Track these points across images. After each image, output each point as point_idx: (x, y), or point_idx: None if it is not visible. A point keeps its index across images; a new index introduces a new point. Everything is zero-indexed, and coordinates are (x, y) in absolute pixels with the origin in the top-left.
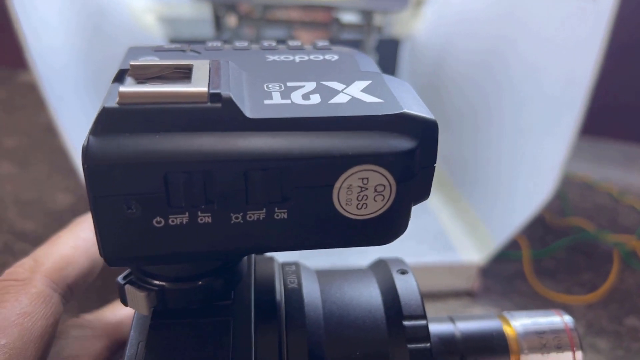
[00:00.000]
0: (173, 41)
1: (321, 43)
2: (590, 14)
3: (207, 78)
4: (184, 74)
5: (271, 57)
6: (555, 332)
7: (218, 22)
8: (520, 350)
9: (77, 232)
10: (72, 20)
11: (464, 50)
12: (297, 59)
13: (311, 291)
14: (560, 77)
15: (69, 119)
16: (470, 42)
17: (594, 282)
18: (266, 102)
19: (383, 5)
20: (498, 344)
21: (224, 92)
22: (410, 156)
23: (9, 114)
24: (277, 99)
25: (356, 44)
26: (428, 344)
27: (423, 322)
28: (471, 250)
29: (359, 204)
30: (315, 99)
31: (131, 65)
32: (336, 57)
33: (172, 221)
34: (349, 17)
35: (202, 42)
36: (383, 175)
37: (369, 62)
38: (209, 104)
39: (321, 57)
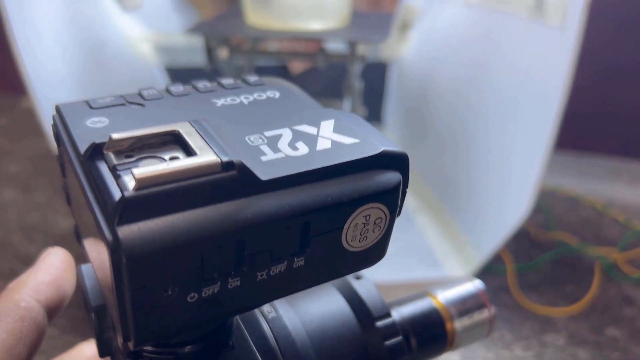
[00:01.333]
0: (168, 69)
1: (252, 78)
2: (559, 41)
3: (206, 144)
4: (171, 140)
5: (218, 102)
6: (472, 296)
7: (210, 53)
8: (451, 318)
9: (47, 265)
10: (73, 51)
11: (447, 74)
12: (245, 100)
13: (290, 317)
14: (534, 100)
15: None
16: (453, 66)
17: (576, 294)
18: (263, 158)
19: (365, 37)
20: (434, 318)
21: (235, 159)
22: (398, 188)
23: (12, 140)
24: (270, 153)
25: (343, 70)
26: (400, 337)
27: (390, 319)
28: (457, 265)
29: (361, 237)
30: (303, 147)
31: (113, 139)
32: (277, 93)
33: (205, 293)
34: (335, 46)
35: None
36: (381, 209)
37: (303, 96)
38: (224, 174)
39: (264, 96)
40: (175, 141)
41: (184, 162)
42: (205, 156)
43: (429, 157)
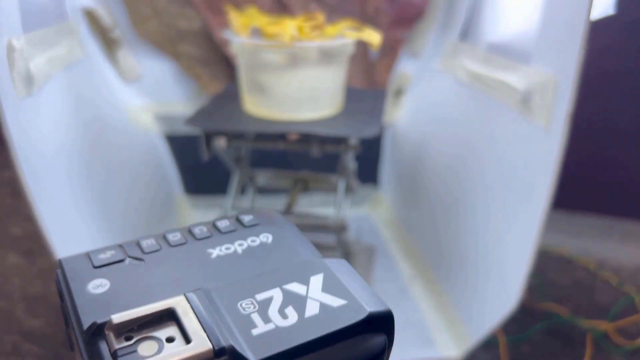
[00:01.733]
0: (167, 137)
1: (247, 218)
2: (544, 142)
3: (200, 326)
4: (168, 315)
5: (214, 252)
6: None
7: (208, 142)
8: None
9: None
10: (73, 123)
11: (439, 145)
12: (239, 248)
13: None
14: (521, 189)
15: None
16: (444, 139)
17: None
18: (254, 332)
19: (356, 133)
20: None
21: (226, 344)
22: (384, 347)
23: (15, 197)
24: (260, 325)
25: (335, 157)
26: None
27: None
28: (450, 345)
29: None
30: (292, 314)
31: (114, 323)
32: (270, 237)
33: None
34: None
35: (136, 242)
36: None
37: (294, 237)
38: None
39: (257, 241)
40: (172, 317)
41: (179, 351)
42: (199, 344)
43: (423, 223)
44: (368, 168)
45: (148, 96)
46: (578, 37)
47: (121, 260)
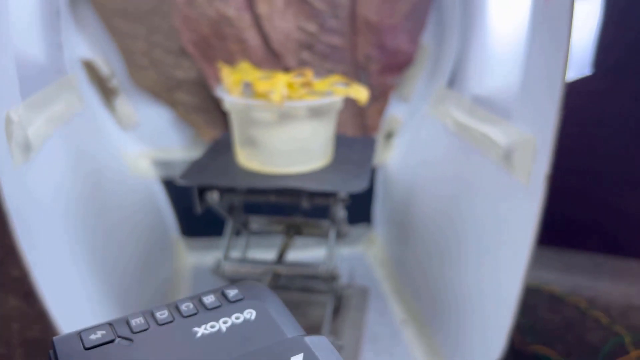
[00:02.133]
0: (164, 181)
1: (232, 292)
2: (525, 198)
3: None
4: None
5: (199, 332)
6: None
7: (202, 196)
8: None
9: None
10: (70, 170)
11: (428, 188)
12: (223, 326)
13: None
14: (504, 240)
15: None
16: (432, 183)
17: None
18: None
19: (344, 189)
20: None
21: None
22: None
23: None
24: None
25: (325, 210)
26: None
27: None
28: None
29: None
30: None
31: None
32: (253, 313)
33: None
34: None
35: (125, 321)
36: None
37: (278, 312)
38: None
39: (241, 318)
40: None
41: None
42: None
43: (414, 264)
44: (361, 207)
45: (145, 143)
46: (555, 101)
47: (111, 341)
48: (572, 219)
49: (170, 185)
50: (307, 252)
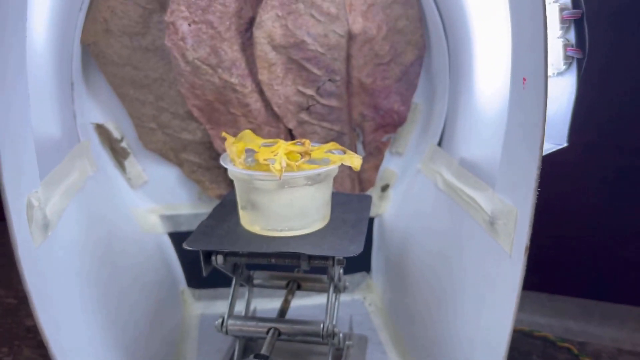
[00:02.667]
0: (172, 234)
1: None
2: (509, 267)
3: None
4: None
5: None
6: None
7: (207, 259)
8: None
9: None
10: (84, 229)
11: (420, 241)
12: None
13: None
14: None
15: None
16: (424, 237)
17: None
18: None
19: (340, 253)
20: None
21: None
22: None
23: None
24: None
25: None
26: None
27: None
28: None
29: None
30: None
31: None
32: None
33: None
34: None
35: None
36: None
37: None
38: None
39: None
40: None
41: None
42: None
43: (409, 313)
44: (360, 256)
45: (154, 200)
46: (533, 175)
47: None
48: (563, 266)
49: (177, 239)
50: (308, 301)
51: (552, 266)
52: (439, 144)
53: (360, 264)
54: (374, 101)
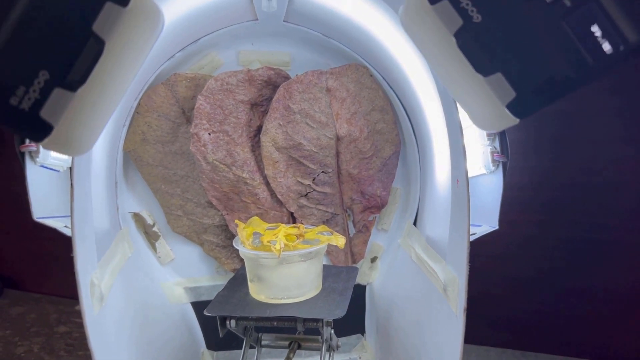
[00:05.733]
0: (194, 303)
1: None
2: (456, 328)
3: None
4: None
5: None
6: None
7: (222, 323)
8: None
9: None
10: (124, 311)
11: (402, 305)
12: None
13: None
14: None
15: None
16: (405, 297)
17: None
18: None
19: (328, 316)
20: None
21: None
22: None
23: (70, 352)
24: None
25: None
26: None
27: None
28: None
29: None
30: None
31: None
32: None
33: None
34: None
35: None
36: None
37: None
38: None
39: None
40: None
41: None
42: None
43: None
44: (356, 319)
45: (179, 274)
46: (464, 252)
47: None
48: (531, 327)
49: (198, 307)
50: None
51: (524, 325)
52: (415, 222)
53: (355, 326)
54: (361, 188)
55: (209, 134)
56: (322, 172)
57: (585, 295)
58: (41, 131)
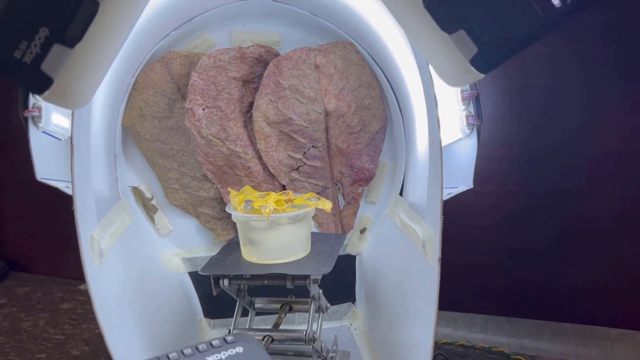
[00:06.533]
0: (191, 273)
1: (229, 338)
2: (433, 277)
3: None
4: None
5: (209, 359)
6: None
7: (216, 283)
8: None
9: None
10: (127, 270)
11: (387, 273)
12: (224, 356)
13: None
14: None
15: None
16: (390, 264)
17: None
18: None
19: (314, 272)
20: None
21: None
22: None
23: (74, 326)
24: None
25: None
26: None
27: None
28: None
29: None
30: None
31: None
32: (241, 349)
33: None
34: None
35: (166, 355)
36: None
37: (256, 349)
38: None
39: (234, 352)
40: None
41: None
42: None
43: (382, 331)
44: (347, 288)
45: (177, 245)
46: (439, 209)
47: None
48: (519, 292)
49: (196, 277)
50: (298, 322)
51: (509, 293)
52: (401, 193)
53: (346, 295)
54: (349, 161)
55: (203, 109)
56: (312, 146)
57: (570, 266)
58: (42, 84)
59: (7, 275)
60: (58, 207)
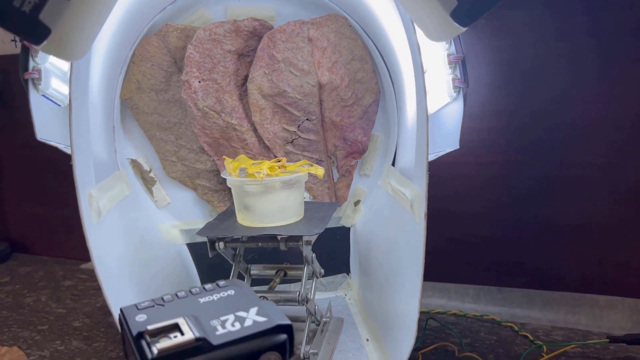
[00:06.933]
0: (189, 244)
1: (222, 282)
2: (419, 232)
3: (190, 330)
4: (175, 326)
5: (202, 300)
6: None
7: (212, 246)
8: None
9: None
10: (125, 241)
11: (377, 241)
12: (215, 297)
13: None
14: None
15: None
16: (381, 233)
17: None
18: (217, 333)
19: (306, 233)
20: None
21: (200, 335)
22: (285, 342)
23: (75, 300)
24: (220, 330)
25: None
26: None
27: None
28: None
29: None
30: (237, 325)
31: (148, 330)
32: (233, 291)
33: None
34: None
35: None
36: (277, 355)
37: (246, 290)
38: (196, 343)
39: (226, 294)
40: (177, 327)
41: (178, 339)
42: (188, 336)
43: (375, 299)
44: (342, 259)
45: (175, 217)
46: (424, 167)
47: (152, 306)
48: (510, 263)
49: (193, 247)
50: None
51: (500, 263)
52: (393, 163)
53: (341, 266)
54: (343, 134)
55: (199, 82)
56: (307, 119)
57: (560, 232)
58: (40, 34)
59: (10, 257)
60: (60, 189)
